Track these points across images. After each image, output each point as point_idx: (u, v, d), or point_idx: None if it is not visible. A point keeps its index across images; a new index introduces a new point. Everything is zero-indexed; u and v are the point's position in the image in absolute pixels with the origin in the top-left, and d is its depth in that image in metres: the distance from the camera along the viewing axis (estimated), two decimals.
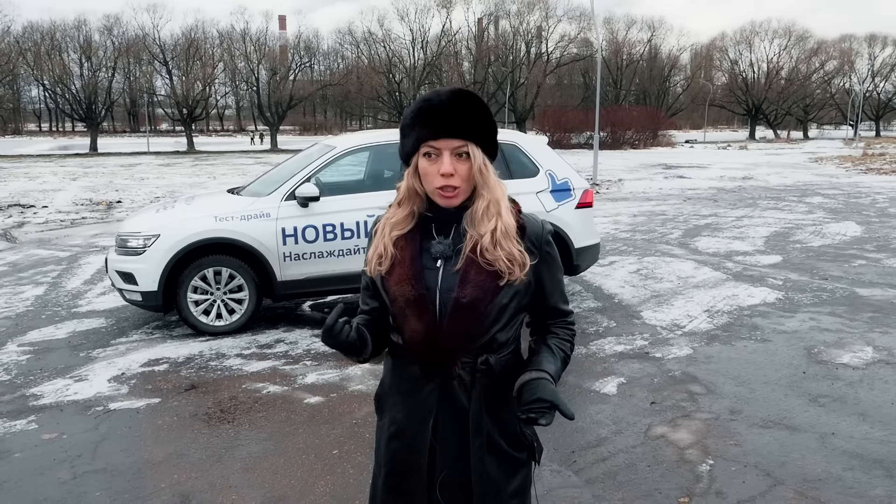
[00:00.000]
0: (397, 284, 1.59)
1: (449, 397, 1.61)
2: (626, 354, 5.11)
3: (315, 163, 5.97)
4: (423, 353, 1.60)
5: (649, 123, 48.60)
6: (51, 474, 3.42)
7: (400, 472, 1.66)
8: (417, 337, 1.59)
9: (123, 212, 13.66)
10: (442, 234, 1.61)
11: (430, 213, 1.60)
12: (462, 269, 1.56)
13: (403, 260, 1.59)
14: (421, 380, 1.62)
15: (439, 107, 1.53)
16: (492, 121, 1.60)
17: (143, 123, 69.25)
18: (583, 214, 6.45)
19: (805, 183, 19.31)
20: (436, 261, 1.59)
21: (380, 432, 1.73)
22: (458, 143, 1.52)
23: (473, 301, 1.55)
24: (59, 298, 6.91)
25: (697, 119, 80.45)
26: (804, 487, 3.21)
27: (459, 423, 1.62)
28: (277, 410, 4.18)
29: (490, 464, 1.62)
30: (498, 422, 1.64)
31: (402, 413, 1.66)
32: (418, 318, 1.58)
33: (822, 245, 9.43)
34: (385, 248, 1.60)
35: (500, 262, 1.54)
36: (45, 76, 50.04)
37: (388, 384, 1.72)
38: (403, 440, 1.65)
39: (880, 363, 4.86)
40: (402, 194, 1.61)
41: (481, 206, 1.55)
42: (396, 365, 1.69)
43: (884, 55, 74.19)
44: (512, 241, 1.56)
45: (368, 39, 63.14)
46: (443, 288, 1.57)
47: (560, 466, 3.44)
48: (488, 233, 1.54)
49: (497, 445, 1.63)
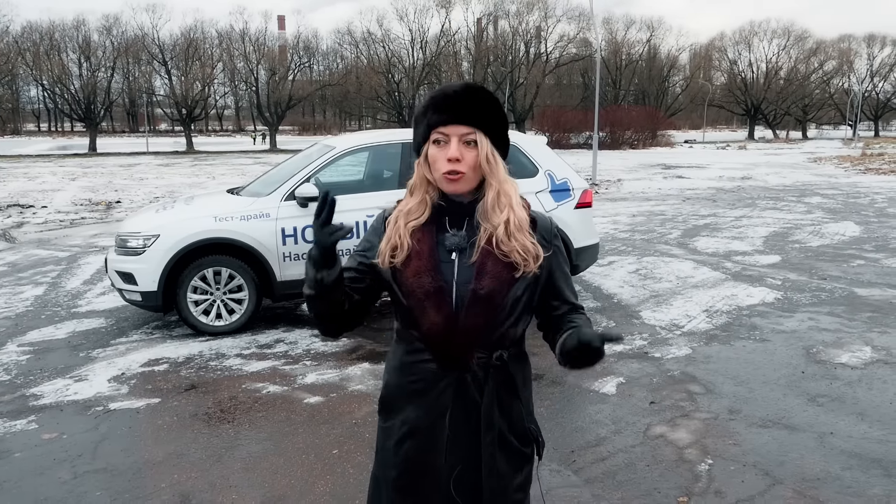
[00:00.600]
0: (415, 276, 1.57)
1: (462, 393, 1.61)
2: (625, 354, 5.12)
3: (315, 163, 5.98)
4: (441, 346, 1.59)
5: (648, 123, 48.60)
6: (51, 474, 3.43)
7: (413, 473, 1.65)
8: (436, 329, 1.58)
9: (123, 212, 13.66)
10: (455, 227, 1.61)
11: (443, 203, 1.60)
12: (479, 261, 1.56)
13: (421, 252, 1.58)
14: (436, 377, 1.61)
15: (452, 96, 1.57)
16: (502, 115, 1.62)
17: (143, 123, 69.09)
18: (582, 214, 6.46)
19: (804, 183, 19.33)
20: (450, 253, 1.59)
21: (387, 435, 1.70)
22: (466, 129, 1.55)
23: (491, 293, 1.56)
24: (58, 298, 6.91)
25: (696, 119, 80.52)
26: (803, 487, 3.22)
27: (471, 419, 1.62)
28: (277, 410, 4.19)
29: (500, 459, 1.63)
30: (508, 417, 1.64)
31: (417, 413, 1.63)
32: (437, 310, 1.57)
33: (820, 245, 9.45)
34: (401, 239, 1.58)
35: (515, 254, 1.55)
36: (43, 76, 49.92)
37: (395, 385, 1.69)
38: (417, 440, 1.63)
39: (879, 363, 4.87)
40: (414, 183, 1.62)
41: (491, 196, 1.57)
42: (406, 364, 1.66)
43: (882, 55, 74.30)
44: (525, 234, 1.57)
45: (367, 39, 63.10)
46: (459, 280, 1.58)
47: (559, 466, 3.45)
48: (502, 224, 1.55)
49: (507, 441, 1.64)
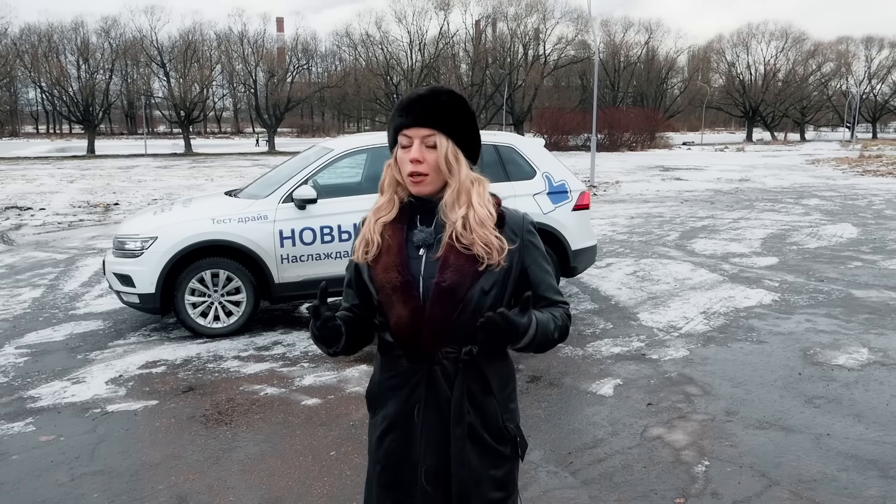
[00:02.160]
0: (384, 272, 1.64)
1: (433, 386, 1.65)
2: (622, 356, 5.13)
3: (312, 165, 5.98)
4: (409, 339, 1.64)
5: (646, 125, 48.72)
6: (49, 476, 3.43)
7: (394, 467, 1.70)
8: (403, 323, 1.63)
9: (121, 214, 13.66)
10: (424, 225, 1.66)
11: (413, 200, 1.66)
12: (442, 256, 1.61)
13: (390, 248, 1.65)
14: (408, 371, 1.66)
15: (416, 99, 1.62)
16: (468, 117, 1.65)
17: (141, 125, 69.16)
18: (580, 216, 6.47)
19: (802, 185, 19.37)
20: (418, 249, 1.65)
21: (373, 430, 1.77)
22: (427, 131, 1.60)
23: (453, 285, 1.60)
24: (56, 301, 6.91)
25: (694, 121, 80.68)
26: (799, 488, 3.23)
27: (442, 412, 1.65)
28: (275, 412, 4.19)
29: (471, 452, 1.65)
30: (480, 412, 1.67)
31: (394, 407, 1.69)
32: (404, 304, 1.62)
33: (818, 247, 9.47)
34: (371, 236, 1.66)
35: (476, 247, 1.59)
36: (42, 78, 49.97)
37: (377, 381, 1.76)
38: (395, 434, 1.69)
39: (875, 364, 4.88)
40: (383, 181, 1.69)
41: (449, 195, 1.61)
42: (385, 361, 1.73)
43: (880, 57, 74.57)
44: (487, 229, 1.60)
45: (366, 41, 63.13)
46: (426, 275, 1.63)
47: (556, 468, 3.45)
48: (460, 219, 1.59)
49: (479, 436, 1.66)
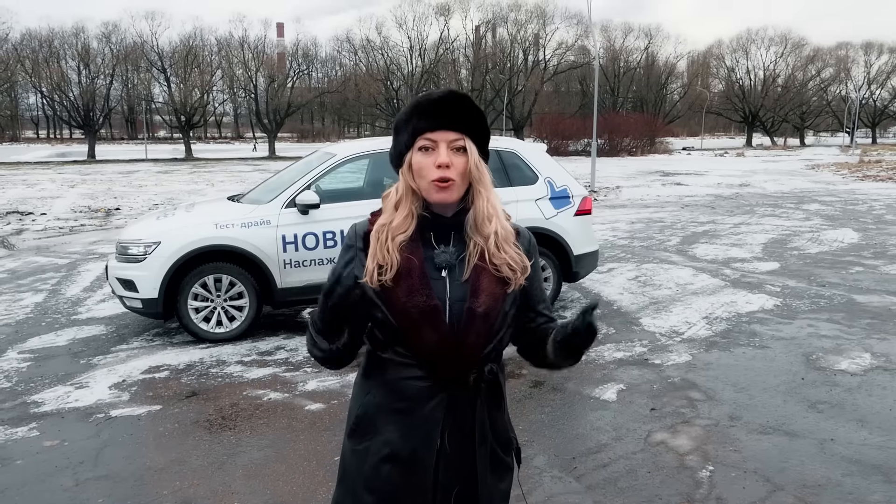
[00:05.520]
0: (407, 296, 1.51)
1: (455, 409, 1.56)
2: (625, 361, 5.13)
3: (315, 170, 6.00)
4: (438, 364, 1.54)
5: (646, 130, 48.73)
6: (53, 481, 3.43)
7: (396, 496, 1.58)
8: (432, 349, 1.52)
9: (122, 219, 13.67)
10: (442, 244, 1.55)
11: (427, 214, 1.54)
12: (472, 278, 1.53)
13: (412, 270, 1.52)
14: (425, 394, 1.55)
15: (437, 101, 1.53)
16: (486, 123, 1.59)
17: (141, 130, 69.26)
18: (582, 221, 6.49)
19: (802, 190, 19.38)
20: (439, 270, 1.53)
21: (361, 456, 1.61)
22: (455, 135, 1.50)
23: (488, 310, 1.53)
24: (58, 305, 6.92)
25: (694, 126, 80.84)
26: (803, 493, 3.23)
27: (465, 434, 1.57)
28: (278, 417, 4.19)
29: (492, 471, 1.62)
30: (494, 429, 1.62)
31: (400, 432, 1.56)
32: (433, 329, 1.51)
33: (819, 252, 9.47)
34: (389, 255, 1.50)
35: (505, 268, 1.54)
36: (43, 83, 49.97)
37: (375, 403, 1.60)
38: (401, 461, 1.56)
39: (878, 369, 4.88)
40: (400, 195, 1.54)
41: (480, 204, 1.53)
42: (388, 382, 1.58)
43: (880, 62, 74.57)
44: (511, 246, 1.56)
45: (366, 47, 63.37)
46: (453, 298, 1.53)
47: (561, 473, 3.45)
48: (492, 235, 1.53)
49: (495, 452, 1.63)
